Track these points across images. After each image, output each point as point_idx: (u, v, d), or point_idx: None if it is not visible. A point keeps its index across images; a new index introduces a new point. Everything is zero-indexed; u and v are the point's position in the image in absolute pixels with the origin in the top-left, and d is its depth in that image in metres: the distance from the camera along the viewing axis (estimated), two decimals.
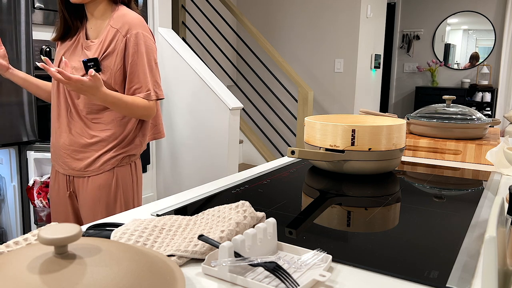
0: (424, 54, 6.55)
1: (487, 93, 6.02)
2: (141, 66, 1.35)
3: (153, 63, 1.38)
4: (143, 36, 1.35)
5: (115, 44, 1.33)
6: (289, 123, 4.46)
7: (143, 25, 1.37)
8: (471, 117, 1.43)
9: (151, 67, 1.37)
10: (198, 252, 0.60)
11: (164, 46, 2.73)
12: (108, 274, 0.43)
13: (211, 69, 4.15)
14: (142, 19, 1.39)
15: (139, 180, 1.48)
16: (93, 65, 1.32)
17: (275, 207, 0.85)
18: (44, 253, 0.45)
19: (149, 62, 1.37)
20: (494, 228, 0.45)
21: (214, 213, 0.71)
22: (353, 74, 4.09)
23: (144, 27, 1.37)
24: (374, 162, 1.07)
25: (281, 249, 0.64)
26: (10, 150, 2.05)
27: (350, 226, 0.75)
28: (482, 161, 1.31)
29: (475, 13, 6.12)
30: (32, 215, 2.11)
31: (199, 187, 0.99)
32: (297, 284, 0.52)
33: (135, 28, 1.34)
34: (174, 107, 2.77)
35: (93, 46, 1.35)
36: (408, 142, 1.41)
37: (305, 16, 4.30)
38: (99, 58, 1.33)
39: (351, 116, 1.29)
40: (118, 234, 0.63)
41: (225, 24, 4.40)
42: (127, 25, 1.34)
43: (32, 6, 2.05)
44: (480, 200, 0.91)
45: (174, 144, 2.81)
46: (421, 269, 0.58)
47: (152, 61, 1.38)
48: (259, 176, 1.10)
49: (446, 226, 0.75)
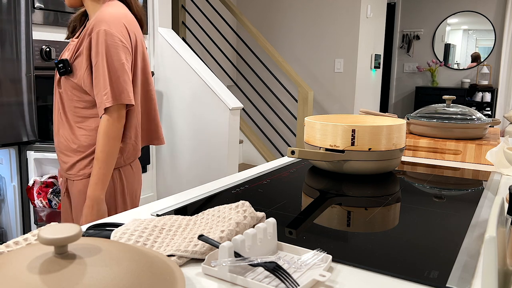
0: (424, 54, 6.55)
1: (487, 93, 6.02)
2: (101, 68, 1.23)
3: (115, 64, 1.24)
4: (105, 34, 1.22)
5: (82, 43, 1.27)
6: (289, 123, 4.46)
7: (111, 21, 1.24)
8: (471, 117, 1.43)
9: (113, 69, 1.24)
10: (198, 252, 0.60)
11: (164, 46, 2.73)
12: (108, 274, 0.43)
13: (211, 69, 4.15)
14: (115, 15, 1.26)
15: (126, 189, 1.39)
16: (62, 67, 1.30)
17: (275, 207, 0.85)
18: (44, 253, 0.45)
19: (110, 63, 1.23)
20: (494, 228, 0.45)
21: (214, 213, 0.71)
22: (353, 74, 4.09)
23: (110, 23, 1.24)
24: (374, 162, 1.07)
25: (281, 249, 0.64)
26: (10, 150, 2.05)
27: (350, 226, 0.75)
28: (482, 161, 1.31)
29: (475, 13, 6.12)
30: (32, 215, 2.11)
31: (199, 187, 0.99)
32: (297, 284, 0.52)
33: (98, 26, 1.23)
34: (174, 107, 2.77)
35: (71, 46, 1.32)
36: (408, 142, 1.41)
37: (305, 15, 4.30)
38: (71, 59, 1.29)
39: (351, 116, 1.29)
40: (118, 234, 0.63)
41: (225, 24, 4.39)
42: (94, 22, 1.24)
43: (32, 6, 2.05)
44: (480, 200, 0.91)
45: (174, 144, 2.81)
46: (421, 269, 0.58)
47: (115, 62, 1.24)
48: (259, 176, 1.10)
49: (446, 226, 0.75)
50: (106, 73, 1.23)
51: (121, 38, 1.25)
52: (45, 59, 2.14)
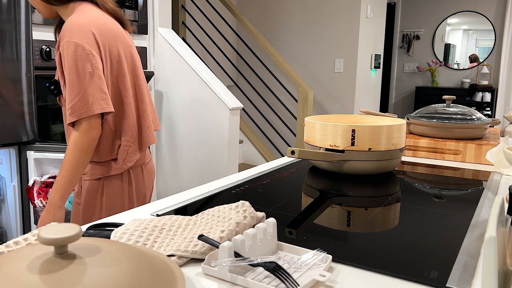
0: (424, 54, 6.55)
1: (487, 93, 6.02)
2: (68, 81, 1.20)
3: (81, 75, 1.19)
4: (68, 46, 1.18)
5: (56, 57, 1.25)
6: (289, 123, 4.46)
7: (74, 31, 1.20)
8: (471, 117, 1.43)
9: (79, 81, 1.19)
10: (198, 252, 0.60)
11: (164, 46, 2.73)
12: (108, 274, 0.43)
13: (211, 69, 4.15)
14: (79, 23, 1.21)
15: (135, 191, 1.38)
16: (54, 88, 1.28)
17: (275, 207, 0.85)
18: (44, 253, 0.45)
19: (76, 75, 1.19)
20: (494, 228, 0.45)
21: (214, 213, 0.71)
22: (353, 74, 4.09)
23: (73, 33, 1.19)
24: (374, 162, 1.07)
25: (281, 249, 0.64)
26: (10, 150, 2.05)
27: (350, 226, 0.75)
28: (482, 161, 1.31)
29: (475, 13, 6.12)
30: (32, 215, 2.11)
31: (199, 187, 0.99)
32: (297, 284, 0.52)
33: (63, 37, 1.20)
34: (174, 107, 2.77)
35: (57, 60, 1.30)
36: (408, 142, 1.41)
37: (305, 15, 4.30)
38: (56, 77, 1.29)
39: (351, 116, 1.29)
40: (118, 234, 0.63)
41: (225, 24, 4.39)
42: (60, 34, 1.21)
43: (32, 6, 2.05)
44: (480, 200, 0.91)
45: (174, 144, 2.81)
46: (421, 269, 0.58)
47: (80, 73, 1.19)
48: (259, 176, 1.10)
49: (446, 226, 0.75)
50: (72, 86, 1.20)
51: (86, 45, 1.20)
52: (45, 59, 2.14)
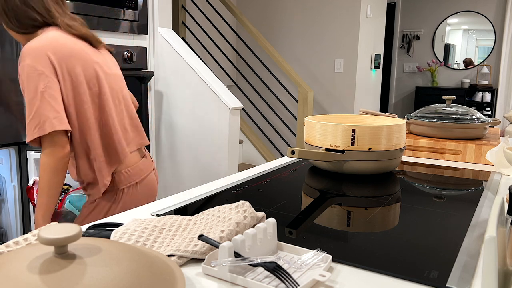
0: (424, 54, 6.55)
1: (487, 93, 6.02)
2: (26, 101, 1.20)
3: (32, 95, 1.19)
4: (22, 68, 1.20)
5: None
6: (289, 123, 4.46)
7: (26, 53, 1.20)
8: (471, 117, 1.43)
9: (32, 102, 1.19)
10: (198, 252, 0.60)
11: (164, 46, 2.73)
12: (108, 274, 0.43)
13: (211, 69, 4.15)
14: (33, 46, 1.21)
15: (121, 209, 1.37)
16: None
17: (275, 207, 0.85)
18: (44, 253, 0.45)
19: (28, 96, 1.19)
20: (494, 228, 0.45)
21: (214, 213, 0.71)
22: (353, 74, 4.10)
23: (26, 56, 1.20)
24: (374, 162, 1.07)
25: (281, 249, 0.64)
26: (10, 150, 2.05)
27: (350, 226, 0.75)
28: (482, 161, 1.31)
29: (475, 13, 6.12)
30: (32, 215, 2.11)
31: (199, 187, 0.99)
32: (297, 284, 0.52)
33: (20, 62, 1.21)
34: (174, 107, 2.77)
35: None
36: (408, 142, 1.41)
37: (305, 15, 4.30)
38: None
39: (351, 116, 1.29)
40: (118, 234, 0.63)
41: (225, 24, 4.40)
42: (19, 59, 1.22)
43: None
44: (480, 200, 0.91)
45: (174, 144, 2.81)
46: (421, 269, 0.58)
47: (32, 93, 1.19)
48: (259, 176, 1.10)
49: (446, 226, 0.75)
50: (28, 106, 1.20)
51: (38, 66, 1.19)
52: None
